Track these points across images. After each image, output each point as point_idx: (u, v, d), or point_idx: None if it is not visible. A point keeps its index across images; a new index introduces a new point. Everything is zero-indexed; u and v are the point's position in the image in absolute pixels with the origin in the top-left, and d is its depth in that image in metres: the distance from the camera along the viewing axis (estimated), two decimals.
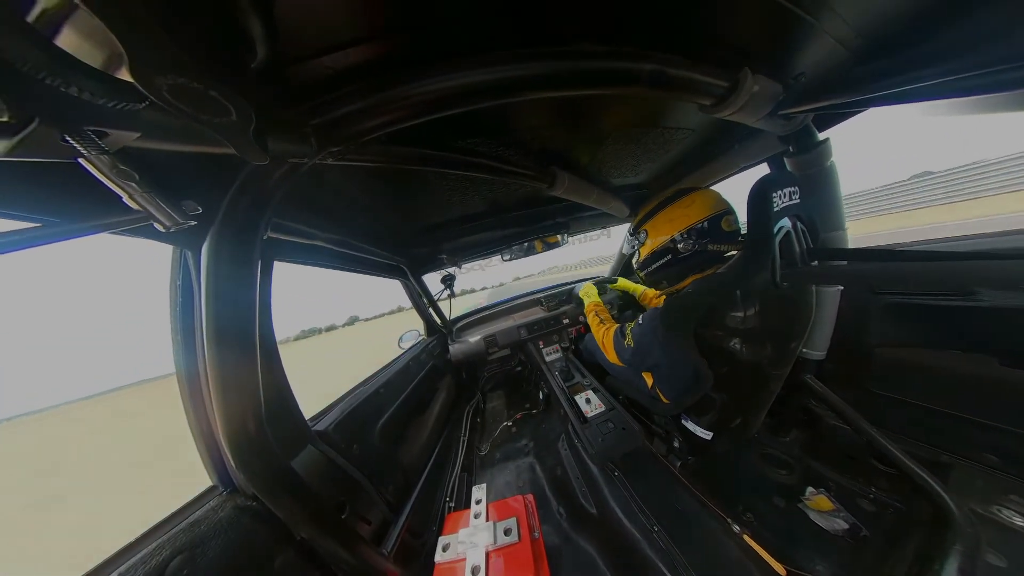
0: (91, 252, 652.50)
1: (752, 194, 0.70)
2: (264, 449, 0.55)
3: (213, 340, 0.49)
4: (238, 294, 0.52)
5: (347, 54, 0.41)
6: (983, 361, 0.76)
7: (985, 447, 0.78)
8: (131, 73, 0.23)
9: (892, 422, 0.87)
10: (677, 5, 0.42)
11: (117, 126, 0.28)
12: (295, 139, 0.44)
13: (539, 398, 1.83)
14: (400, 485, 1.11)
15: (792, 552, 0.79)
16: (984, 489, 0.74)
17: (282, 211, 0.75)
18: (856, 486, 0.91)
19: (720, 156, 1.08)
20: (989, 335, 0.74)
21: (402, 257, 1.57)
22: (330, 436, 0.87)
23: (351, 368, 18.52)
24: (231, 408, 0.51)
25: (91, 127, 0.26)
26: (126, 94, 0.26)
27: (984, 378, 0.76)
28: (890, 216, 21.30)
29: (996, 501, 0.72)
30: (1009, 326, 0.70)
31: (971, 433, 0.80)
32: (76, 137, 0.26)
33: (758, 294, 0.73)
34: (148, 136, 0.31)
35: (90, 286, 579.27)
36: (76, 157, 0.28)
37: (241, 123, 0.32)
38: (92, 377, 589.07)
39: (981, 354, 0.76)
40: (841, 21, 0.47)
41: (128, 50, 0.22)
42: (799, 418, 1.12)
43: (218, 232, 0.49)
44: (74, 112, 0.25)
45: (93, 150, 0.27)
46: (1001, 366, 0.73)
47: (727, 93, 0.55)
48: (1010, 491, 0.72)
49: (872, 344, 0.94)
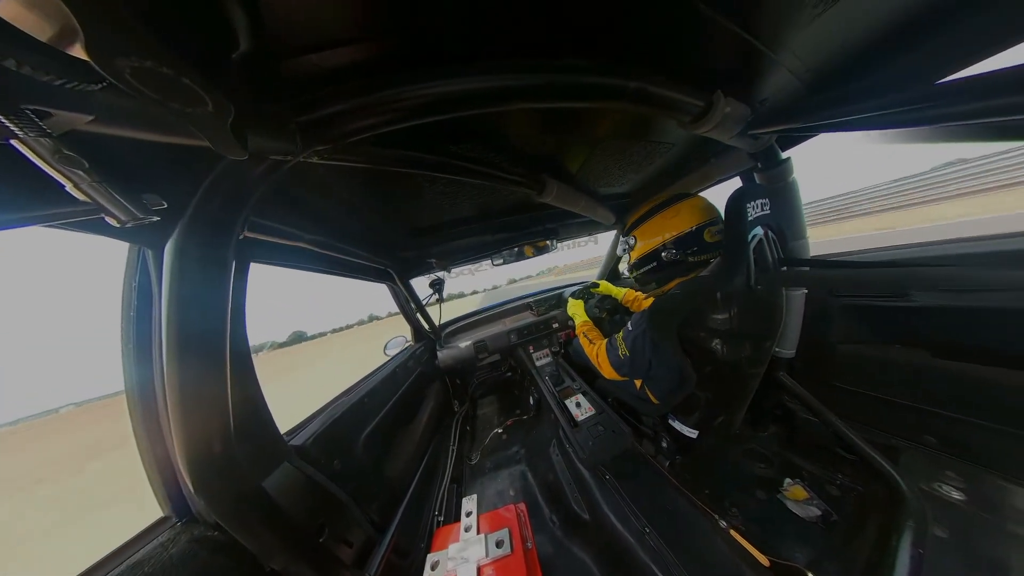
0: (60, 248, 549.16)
1: (729, 204, 0.76)
2: (231, 470, 0.50)
3: (174, 349, 0.44)
4: (207, 298, 0.47)
5: (338, 53, 0.40)
6: (919, 354, 0.86)
7: (925, 430, 0.87)
8: (86, 52, 0.21)
9: (853, 412, 0.95)
10: (659, 32, 0.47)
11: (64, 106, 0.24)
12: (279, 135, 0.42)
13: (530, 404, 1.81)
14: (385, 501, 1.05)
15: (774, 542, 0.83)
16: (927, 468, 0.82)
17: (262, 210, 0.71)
18: (825, 474, 0.97)
19: (698, 169, 1.16)
20: (921, 331, 0.85)
21: (389, 260, 1.53)
22: (308, 451, 0.81)
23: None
24: (193, 425, 0.46)
25: (30, 106, 0.23)
26: (78, 73, 0.23)
27: (920, 369, 0.86)
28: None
29: (936, 478, 0.79)
30: (935, 322, 0.81)
31: (914, 418, 0.89)
32: (10, 116, 0.22)
33: (736, 297, 0.77)
34: (104, 120, 0.28)
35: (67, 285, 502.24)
36: (7, 139, 0.24)
37: (218, 115, 0.30)
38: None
39: (917, 348, 0.86)
40: (793, 56, 0.54)
41: (84, 27, 0.19)
42: (775, 414, 1.18)
43: (186, 230, 0.45)
44: (12, 87, 0.21)
45: (32, 131, 0.24)
46: (933, 358, 0.83)
47: (703, 112, 0.61)
48: (946, 468, 0.81)
49: (834, 342, 1.03)
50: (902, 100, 0.48)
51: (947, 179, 28.51)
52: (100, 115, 0.27)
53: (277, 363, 69.99)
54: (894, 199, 29.48)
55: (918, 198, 28.83)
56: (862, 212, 29.18)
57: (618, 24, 0.44)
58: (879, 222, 22.41)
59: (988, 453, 0.78)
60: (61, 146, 0.27)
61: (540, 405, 1.72)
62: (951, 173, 28.52)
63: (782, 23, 0.47)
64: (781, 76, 0.60)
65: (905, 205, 28.89)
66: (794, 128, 0.67)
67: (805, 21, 0.47)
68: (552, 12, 0.40)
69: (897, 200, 29.29)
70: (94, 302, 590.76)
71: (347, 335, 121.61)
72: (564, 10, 0.40)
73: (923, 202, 28.17)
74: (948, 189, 28.45)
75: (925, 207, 27.49)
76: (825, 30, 0.49)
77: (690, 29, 0.47)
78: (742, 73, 0.59)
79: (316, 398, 1.21)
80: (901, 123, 0.50)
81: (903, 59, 0.54)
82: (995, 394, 0.75)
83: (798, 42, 0.52)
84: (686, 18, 0.44)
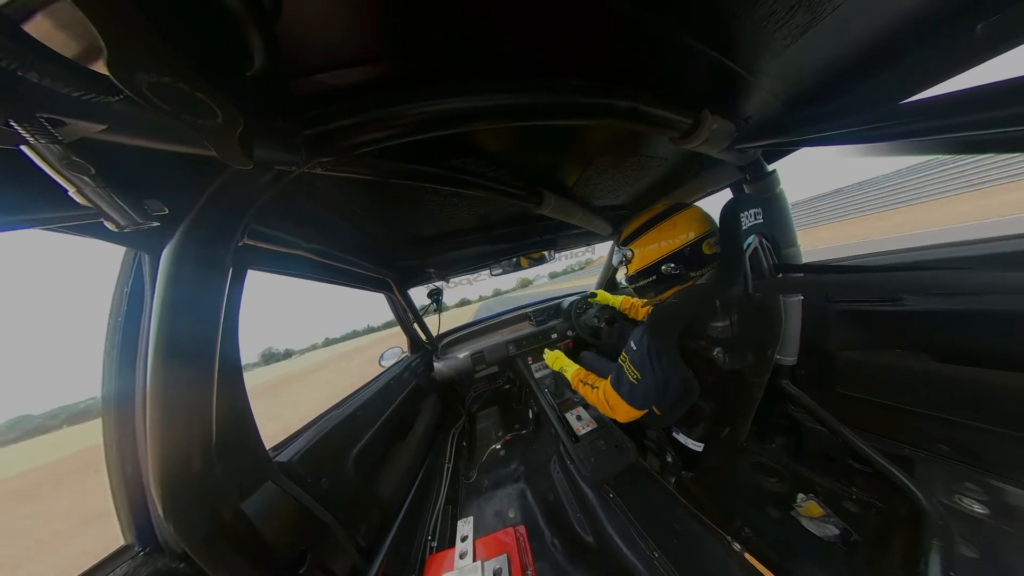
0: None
1: (723, 213, 0.78)
2: (208, 490, 0.47)
3: (162, 356, 0.43)
4: (202, 304, 0.46)
5: (347, 73, 0.41)
6: (919, 358, 0.86)
7: (936, 438, 0.84)
8: (108, 68, 0.21)
9: (859, 421, 0.92)
10: (647, 56, 0.50)
11: (79, 116, 0.25)
12: (284, 147, 0.43)
13: (529, 417, 1.76)
14: (375, 524, 0.99)
15: (791, 566, 0.78)
16: (945, 480, 0.79)
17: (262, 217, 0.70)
18: (839, 488, 0.93)
19: (689, 181, 1.20)
20: (918, 335, 0.86)
21: (388, 270, 1.52)
22: (294, 469, 0.77)
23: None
24: (172, 439, 0.44)
25: (45, 114, 0.23)
26: (96, 86, 0.23)
27: (922, 373, 0.85)
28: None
29: (956, 490, 0.76)
30: (930, 326, 0.82)
31: (922, 425, 0.87)
32: (24, 124, 0.23)
33: (736, 305, 0.77)
34: (115, 130, 0.28)
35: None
36: (17, 144, 0.24)
37: (227, 127, 0.30)
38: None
39: (917, 352, 0.86)
40: (770, 79, 0.60)
41: (109, 45, 0.20)
42: (782, 424, 1.15)
43: (186, 235, 0.45)
44: (28, 96, 0.22)
45: (43, 138, 0.24)
46: (933, 361, 0.83)
47: (691, 129, 0.65)
48: (964, 478, 0.77)
49: (834, 348, 1.03)
50: (870, 118, 0.52)
51: (906, 186, 30.61)
52: (112, 124, 0.28)
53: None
54: (855, 208, 31.16)
55: (882, 204, 30.49)
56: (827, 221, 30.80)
57: (609, 48, 0.47)
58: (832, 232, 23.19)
59: (1002, 461, 0.75)
60: (70, 153, 0.27)
61: (539, 419, 1.67)
62: (910, 180, 30.55)
63: (758, 51, 0.51)
64: (762, 96, 0.65)
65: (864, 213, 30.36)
66: (776, 143, 0.72)
67: (778, 49, 0.51)
68: (548, 37, 0.43)
69: (857, 209, 31.02)
70: (75, 307, 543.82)
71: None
72: (558, 36, 0.43)
73: (884, 209, 29.65)
74: (906, 196, 30.52)
75: (889, 214, 28.60)
76: (796, 57, 0.54)
77: (676, 54, 0.50)
78: (727, 93, 0.63)
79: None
80: (871, 139, 0.54)
81: (870, 82, 0.60)
82: (996, 397, 0.74)
83: (773, 67, 0.56)
84: (672, 44, 0.47)
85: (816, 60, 0.56)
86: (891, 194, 31.69)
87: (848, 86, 0.61)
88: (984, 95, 0.40)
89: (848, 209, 32.51)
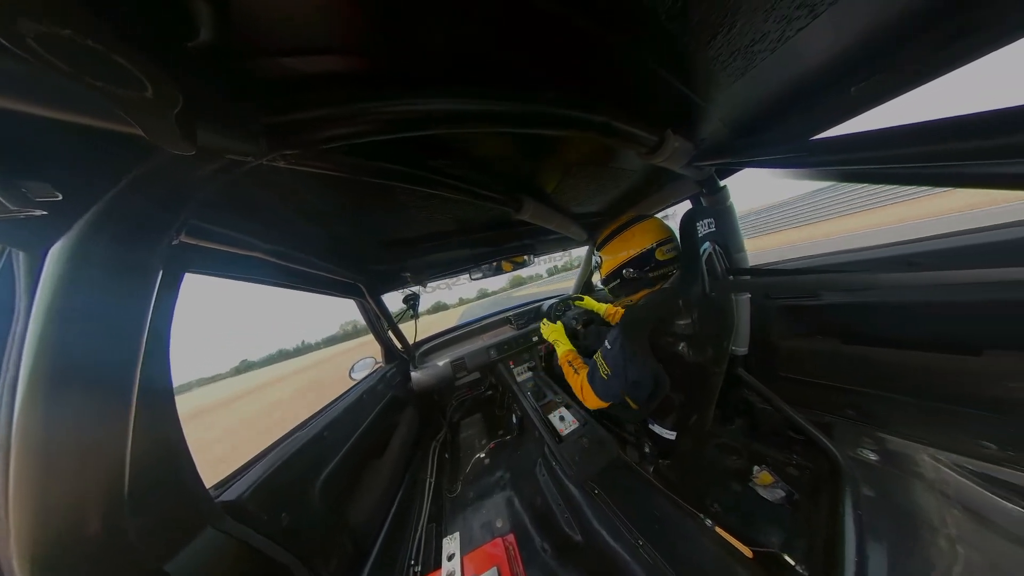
0: None
1: (682, 222, 0.88)
2: (112, 557, 0.36)
3: (39, 384, 0.33)
4: (112, 315, 0.37)
5: (316, 60, 0.38)
6: (831, 342, 1.07)
7: (845, 405, 1.04)
8: None
9: (796, 398, 1.09)
10: (619, 76, 0.55)
11: None
12: (239, 135, 0.38)
13: (512, 422, 1.73)
14: (348, 555, 0.90)
15: (752, 531, 0.88)
16: (852, 437, 0.95)
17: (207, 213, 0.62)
18: (784, 456, 1.07)
19: (656, 192, 1.33)
20: (831, 323, 1.07)
21: (359, 274, 1.43)
22: (244, 507, 0.66)
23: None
24: (53, 497, 0.33)
25: None
26: None
27: (834, 354, 1.06)
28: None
29: (859, 444, 0.92)
30: (839, 315, 1.05)
31: (835, 397, 1.06)
32: None
33: (695, 304, 0.86)
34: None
35: None
36: None
37: (159, 102, 0.25)
38: None
39: (830, 337, 1.07)
40: (718, 108, 0.68)
41: None
42: (739, 408, 1.29)
43: (92, 229, 0.36)
44: None
45: None
46: (841, 344, 1.04)
47: (656, 145, 0.72)
48: (863, 435, 0.94)
49: (775, 338, 1.21)
50: (789, 150, 0.65)
51: (817, 205, 37.90)
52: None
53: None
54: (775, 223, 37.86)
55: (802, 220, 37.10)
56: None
57: (585, 66, 0.50)
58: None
59: (887, 418, 0.95)
60: None
61: (523, 423, 1.65)
62: (819, 200, 38.06)
63: (710, 84, 0.59)
64: (713, 122, 0.74)
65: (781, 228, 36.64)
66: (725, 163, 0.83)
67: (725, 84, 0.59)
68: (526, 46, 0.44)
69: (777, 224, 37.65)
70: None
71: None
72: (535, 46, 0.44)
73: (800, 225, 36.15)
74: (820, 213, 37.59)
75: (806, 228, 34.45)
76: (740, 93, 0.63)
77: (645, 78, 0.55)
78: (687, 117, 0.70)
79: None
80: (792, 166, 0.65)
81: (787, 121, 0.73)
82: (883, 369, 0.95)
83: (722, 99, 0.65)
84: (642, 69, 0.52)
85: (751, 99, 0.66)
86: (811, 211, 39.45)
87: (774, 122, 0.74)
88: (869, 138, 0.50)
89: (782, 222, 39.23)
